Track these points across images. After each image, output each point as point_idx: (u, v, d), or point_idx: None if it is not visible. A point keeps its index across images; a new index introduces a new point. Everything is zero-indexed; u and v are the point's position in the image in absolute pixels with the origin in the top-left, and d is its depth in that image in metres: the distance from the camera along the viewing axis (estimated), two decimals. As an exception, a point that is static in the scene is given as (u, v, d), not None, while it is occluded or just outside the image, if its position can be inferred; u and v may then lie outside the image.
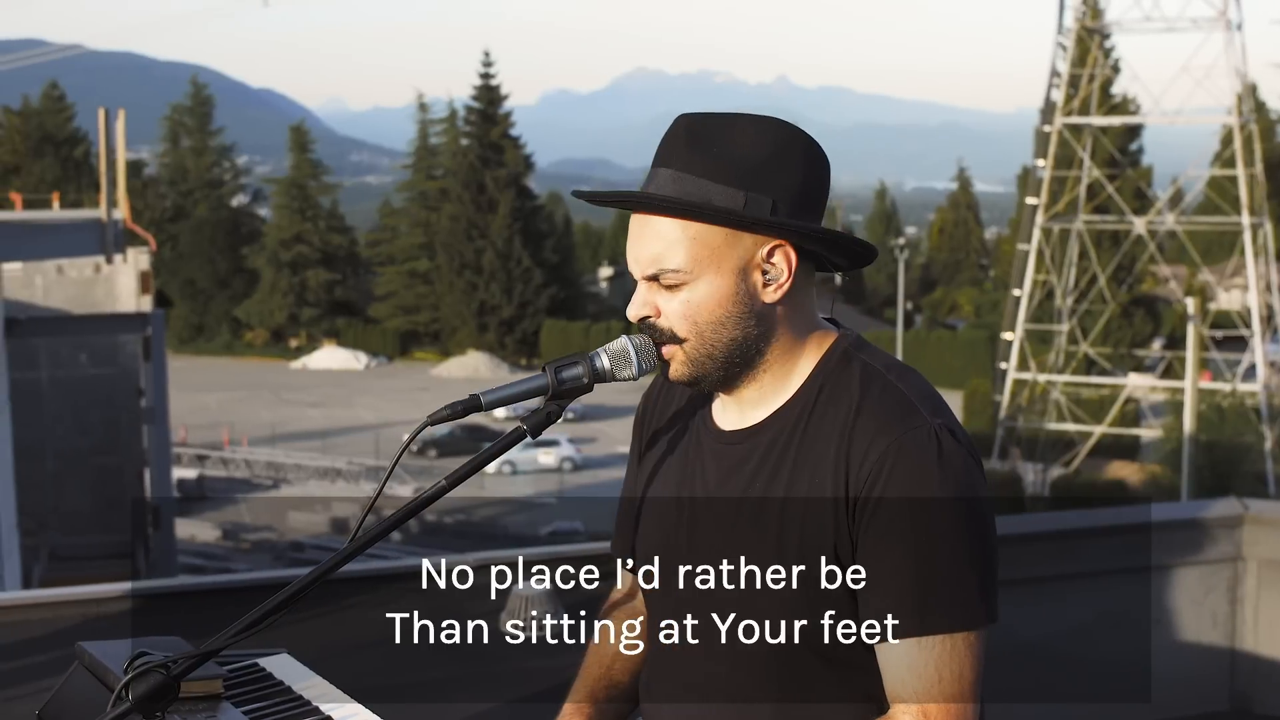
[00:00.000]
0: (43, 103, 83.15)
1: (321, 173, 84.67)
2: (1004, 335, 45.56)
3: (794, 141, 2.06)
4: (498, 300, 74.16)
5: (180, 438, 47.45)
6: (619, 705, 2.32)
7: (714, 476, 2.13)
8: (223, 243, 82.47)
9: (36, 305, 24.04)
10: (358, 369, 74.85)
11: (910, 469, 1.97)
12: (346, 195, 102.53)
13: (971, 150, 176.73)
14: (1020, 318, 44.30)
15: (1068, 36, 45.10)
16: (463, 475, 2.03)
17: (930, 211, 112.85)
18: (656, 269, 2.05)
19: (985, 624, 1.98)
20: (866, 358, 2.12)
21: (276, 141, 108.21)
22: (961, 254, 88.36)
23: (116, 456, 23.41)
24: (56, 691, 2.19)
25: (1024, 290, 44.38)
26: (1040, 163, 44.59)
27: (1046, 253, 44.91)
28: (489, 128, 78.01)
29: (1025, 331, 44.64)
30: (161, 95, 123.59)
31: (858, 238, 2.13)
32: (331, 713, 2.15)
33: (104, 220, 19.61)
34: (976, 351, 61.60)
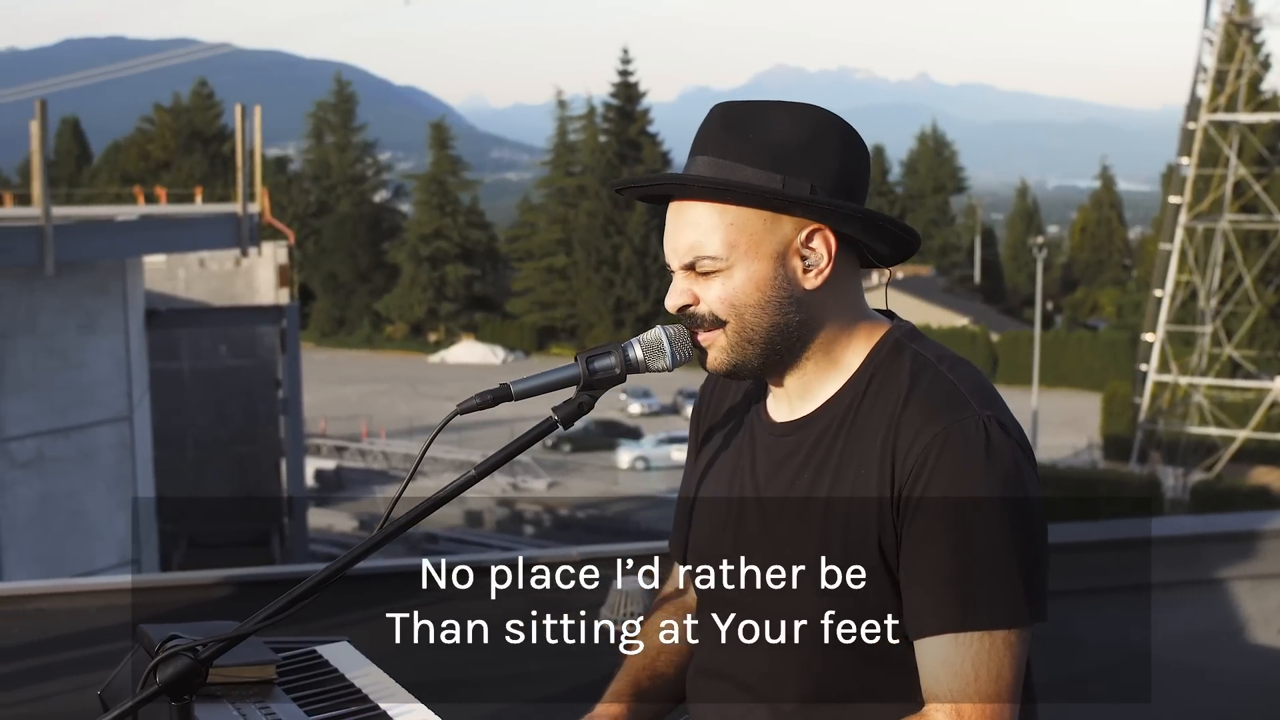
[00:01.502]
0: (192, 100, 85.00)
1: (462, 169, 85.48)
2: (1145, 337, 44.71)
3: (831, 127, 2.02)
4: (634, 296, 74.37)
5: (320, 429, 48.22)
6: (663, 700, 2.29)
7: (764, 469, 2.10)
8: (364, 238, 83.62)
9: (178, 297, 24.53)
10: (495, 363, 75.48)
11: (956, 461, 1.92)
12: (486, 191, 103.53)
13: (1116, 148, 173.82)
14: (1162, 319, 43.43)
15: (1215, 31, 44.09)
16: (492, 465, 2.00)
17: (1072, 210, 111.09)
18: (694, 256, 2.02)
19: (1028, 623, 1.92)
20: (918, 348, 2.06)
21: (418, 138, 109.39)
22: (1104, 253, 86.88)
23: (254, 446, 23.79)
24: (116, 674, 2.22)
25: (1166, 291, 43.50)
26: (1185, 160, 43.67)
27: (1190, 253, 43.97)
28: (627, 125, 78.30)
29: (1167, 333, 43.75)
30: (307, 93, 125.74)
31: (900, 222, 2.07)
32: (381, 703, 2.15)
33: (240, 215, 19.89)
34: (1117, 353, 60.54)
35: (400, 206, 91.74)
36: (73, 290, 16.92)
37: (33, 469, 16.36)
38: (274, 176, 77.98)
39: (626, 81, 79.63)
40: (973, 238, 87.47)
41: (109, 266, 17.94)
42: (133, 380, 18.08)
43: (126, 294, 18.20)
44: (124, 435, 17.80)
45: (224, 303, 24.68)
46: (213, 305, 24.45)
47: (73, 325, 16.96)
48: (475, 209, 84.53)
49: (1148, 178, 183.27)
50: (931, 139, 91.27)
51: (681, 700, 2.29)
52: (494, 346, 77.54)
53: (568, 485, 44.63)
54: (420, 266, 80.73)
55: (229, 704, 2.10)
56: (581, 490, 42.57)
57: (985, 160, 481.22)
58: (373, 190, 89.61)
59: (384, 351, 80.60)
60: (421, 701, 2.17)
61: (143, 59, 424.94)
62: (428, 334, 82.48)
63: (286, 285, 24.86)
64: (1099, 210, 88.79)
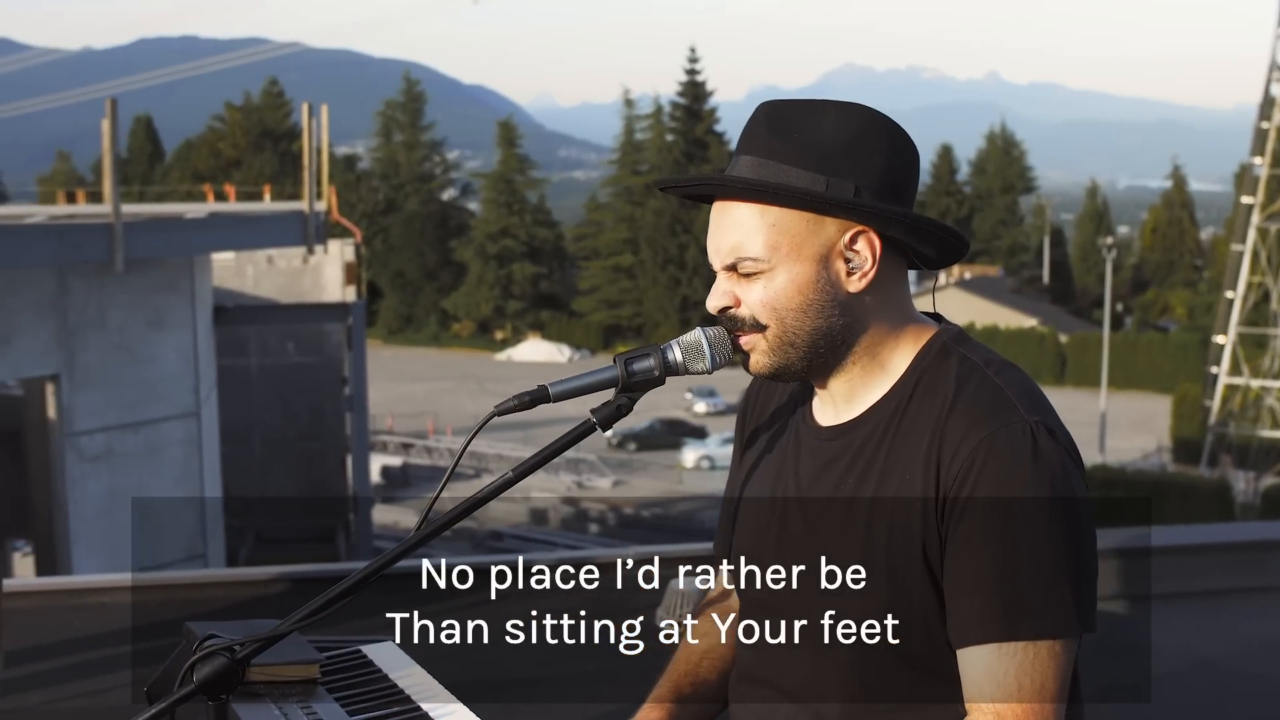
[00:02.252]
0: (263, 99, 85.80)
1: (529, 168, 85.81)
2: (1216, 339, 44.29)
3: (878, 127, 1.99)
4: (700, 295, 74.33)
5: (387, 426, 48.48)
6: (704, 704, 2.27)
7: (808, 472, 2.08)
8: (432, 236, 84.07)
9: (247, 294, 24.72)
10: (561, 362, 75.67)
11: (1002, 466, 1.87)
12: (553, 190, 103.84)
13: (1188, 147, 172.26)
14: (1233, 320, 43.00)
15: (1290, 29, 43.59)
16: (530, 467, 1.97)
17: (1143, 210, 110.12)
18: (735, 257, 2.00)
19: (1075, 633, 1.88)
20: (965, 351, 2.02)
21: (486, 137, 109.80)
22: (1175, 254, 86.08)
23: (320, 443, 23.92)
24: (163, 670, 2.22)
25: (1238, 292, 43.07)
26: (1258, 160, 43.21)
27: (1263, 254, 43.50)
28: (694, 123, 78.36)
29: (1239, 335, 43.31)
30: (376, 91, 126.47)
31: (946, 225, 2.03)
32: (423, 704, 2.14)
33: (306, 213, 20.02)
34: (1188, 355, 59.94)
35: (468, 205, 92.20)
36: (142, 287, 17.09)
37: (102, 463, 16.55)
38: (343, 175, 78.57)
39: (694, 80, 79.68)
40: (1041, 238, 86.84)
41: (178, 263, 18.12)
42: (200, 376, 18.25)
43: (195, 291, 18.37)
44: (191, 431, 17.97)
45: (291, 300, 24.85)
46: (280, 302, 24.63)
47: (142, 321, 17.14)
48: (542, 207, 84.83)
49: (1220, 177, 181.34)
50: (1000, 138, 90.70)
51: (725, 704, 2.27)
52: (560, 345, 77.75)
53: (633, 484, 44.67)
54: (487, 264, 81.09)
55: (271, 703, 2.09)
56: (646, 489, 42.61)
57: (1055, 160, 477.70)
58: (441, 188, 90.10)
59: (450, 349, 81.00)
60: (465, 703, 2.16)
61: (215, 58, 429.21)
62: (494, 332, 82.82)
63: (353, 283, 25.00)
64: (1170, 210, 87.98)
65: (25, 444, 17.72)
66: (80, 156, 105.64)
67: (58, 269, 16.00)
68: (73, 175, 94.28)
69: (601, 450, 47.28)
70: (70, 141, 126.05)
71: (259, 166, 78.29)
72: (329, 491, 23.91)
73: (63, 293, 16.11)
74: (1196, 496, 34.55)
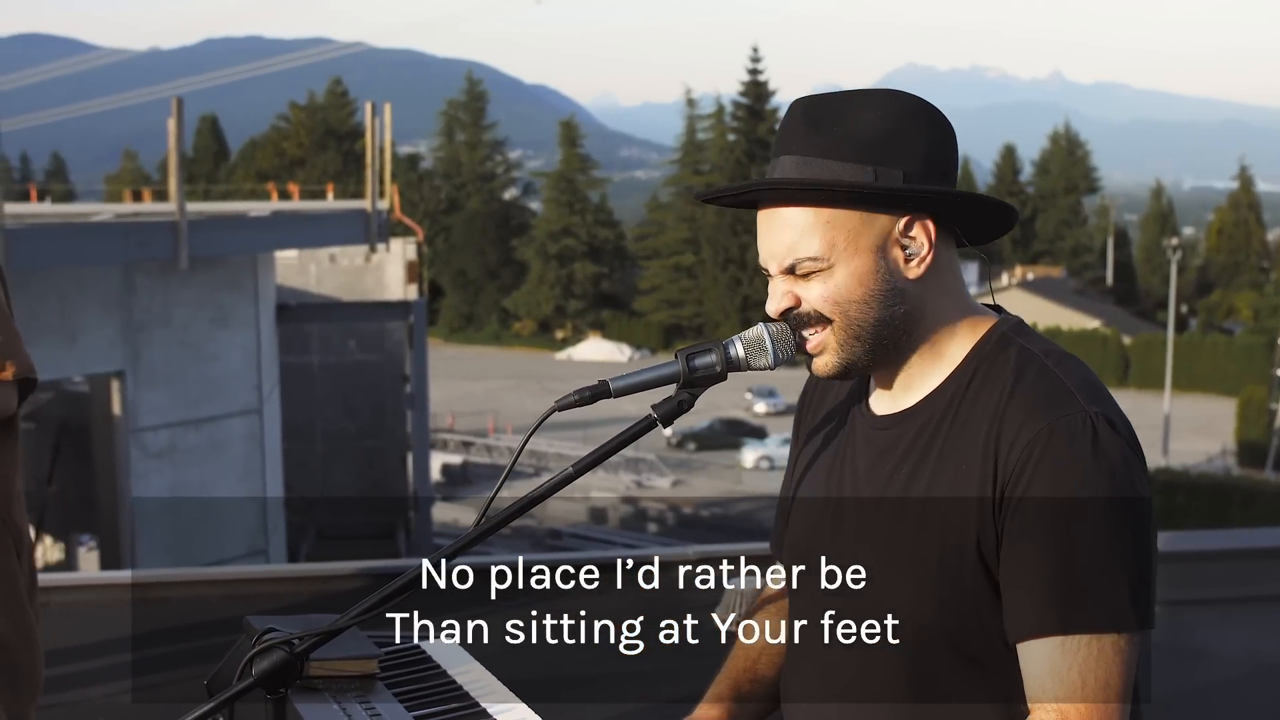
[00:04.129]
0: (327, 98, 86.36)
1: (590, 167, 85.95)
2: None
3: (916, 110, 1.98)
4: (761, 295, 73.18)
5: (448, 424, 48.67)
6: (762, 702, 2.26)
7: (863, 463, 2.06)
8: (493, 235, 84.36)
9: (309, 292, 24.88)
10: (621, 361, 75.71)
11: (1061, 458, 1.85)
12: (615, 190, 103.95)
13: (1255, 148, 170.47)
14: (1302, 322, 42.54)
15: (1361, 29, 43.06)
16: (589, 464, 1.95)
17: (1209, 211, 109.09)
18: (793, 259, 1.97)
19: (1135, 628, 1.84)
20: (1025, 342, 2.00)
21: (547, 136, 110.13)
22: (1241, 256, 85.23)
23: (381, 440, 24.04)
24: (223, 664, 2.22)
25: (1307, 294, 42.61)
26: (1327, 161, 42.69)
27: (1332, 255, 43.01)
28: (756, 123, 78.25)
29: (1307, 337, 42.85)
30: (438, 91, 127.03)
31: (995, 198, 2.01)
32: (481, 701, 2.14)
33: (369, 211, 20.12)
34: (1254, 357, 59.34)
35: (529, 204, 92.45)
36: (206, 284, 17.24)
37: (165, 459, 16.71)
38: (405, 174, 78.93)
39: (756, 80, 79.57)
40: (1105, 239, 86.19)
41: (241, 261, 18.27)
42: (263, 374, 18.39)
43: (258, 289, 18.51)
44: (254, 428, 18.11)
45: (354, 298, 24.98)
46: (343, 300, 24.76)
47: (205, 319, 17.29)
48: (604, 207, 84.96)
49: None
50: (1064, 138, 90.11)
51: (779, 702, 2.25)
52: (620, 344, 77.81)
53: (692, 484, 44.65)
54: (548, 264, 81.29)
55: (330, 698, 2.10)
56: (706, 489, 42.56)
57: (1119, 160, 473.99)
58: (502, 188, 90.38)
59: (511, 348, 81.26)
60: (524, 700, 2.15)
61: (279, 58, 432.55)
62: (555, 331, 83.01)
63: (414, 281, 25.11)
64: (1236, 211, 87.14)
65: (91, 440, 17.91)
66: (147, 156, 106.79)
67: (123, 266, 16.16)
68: (139, 174, 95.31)
69: (661, 450, 47.30)
70: (137, 140, 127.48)
71: (322, 165, 78.79)
72: (389, 489, 24.03)
73: (128, 290, 16.27)
74: (1262, 500, 34.19)
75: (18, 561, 3.35)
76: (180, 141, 17.35)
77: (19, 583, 3.34)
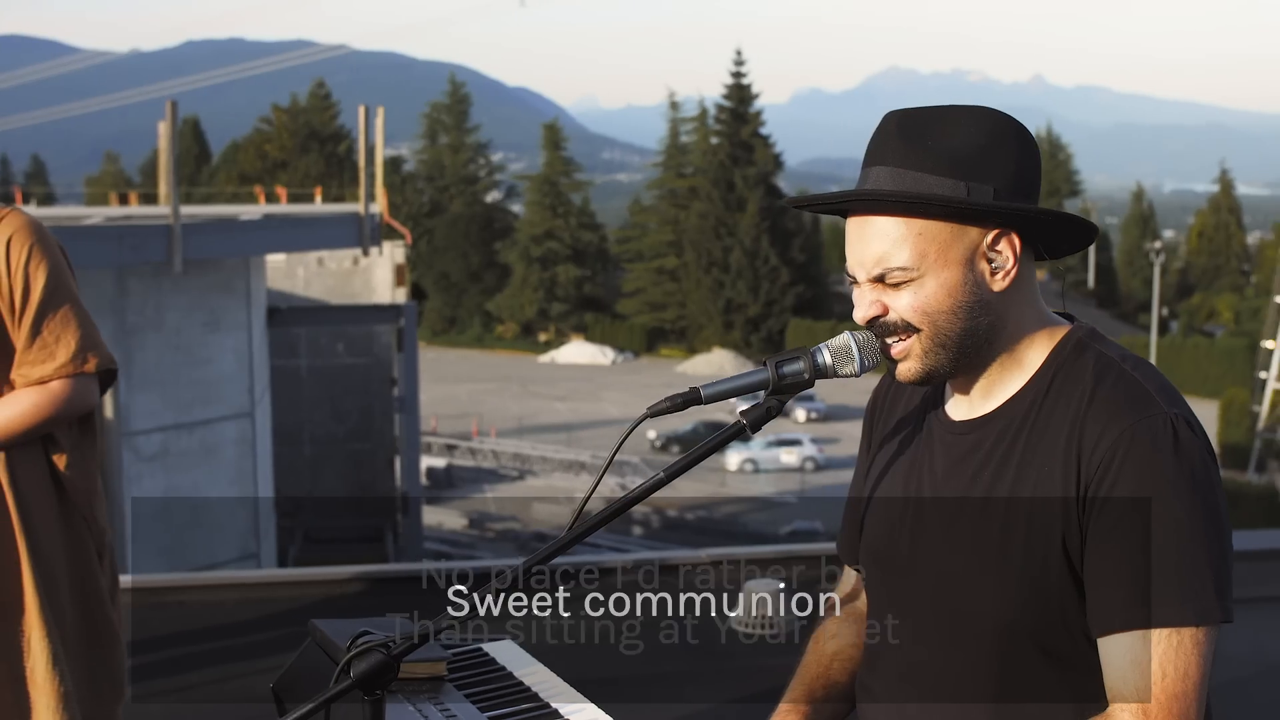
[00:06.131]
0: (310, 101, 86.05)
1: (573, 170, 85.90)
2: (1265, 344, 44.06)
3: (1007, 128, 2.03)
4: (744, 298, 74.26)
5: (431, 427, 48.55)
6: (836, 705, 2.29)
7: (942, 466, 2.11)
8: (476, 238, 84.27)
9: (298, 295, 24.83)
10: (604, 364, 75.67)
11: (1144, 458, 1.90)
12: (597, 192, 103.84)
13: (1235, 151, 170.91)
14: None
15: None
16: (680, 469, 1.99)
17: (1190, 214, 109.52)
18: (883, 268, 2.01)
19: (1218, 621, 1.89)
20: (1101, 348, 2.07)
21: (530, 139, 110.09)
22: (1222, 258, 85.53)
23: (369, 444, 23.97)
24: (289, 666, 2.24)
25: (1288, 297, 42.80)
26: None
27: (1313, 258, 43.20)
28: (739, 126, 78.19)
29: (1289, 340, 43.02)
30: (421, 94, 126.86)
31: (1080, 216, 2.06)
32: (552, 701, 2.17)
33: (362, 214, 20.11)
34: (1235, 360, 59.55)
35: (512, 207, 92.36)
36: (199, 288, 17.23)
37: (158, 463, 16.69)
38: (389, 177, 78.70)
39: (739, 83, 79.53)
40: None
41: (234, 265, 18.24)
42: (255, 377, 18.37)
43: (250, 292, 18.49)
44: (246, 431, 18.09)
45: (341, 301, 24.94)
46: (330, 304, 24.72)
47: (198, 322, 17.27)
48: (586, 210, 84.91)
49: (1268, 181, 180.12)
50: (1046, 142, 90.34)
51: (853, 704, 2.29)
52: (604, 347, 77.76)
53: (676, 486, 44.26)
54: (531, 267, 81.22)
55: (404, 700, 2.13)
56: (690, 492, 42.45)
57: (1100, 163, 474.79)
58: (485, 190, 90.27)
59: (494, 351, 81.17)
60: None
61: (261, 61, 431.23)
62: (538, 334, 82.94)
63: (403, 284, 25.09)
64: (1217, 214, 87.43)
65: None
66: (129, 158, 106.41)
67: (117, 270, 16.14)
68: (121, 176, 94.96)
69: (645, 453, 47.29)
70: (118, 143, 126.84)
71: (305, 168, 78.55)
72: (377, 492, 23.96)
73: (121, 293, 16.25)
74: (1244, 502, 34.35)
75: (100, 563, 3.36)
76: (173, 145, 17.34)
77: (100, 584, 3.34)
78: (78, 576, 3.30)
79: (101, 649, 3.36)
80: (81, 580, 3.31)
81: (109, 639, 3.37)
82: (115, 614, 3.38)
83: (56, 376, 3.23)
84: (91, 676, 3.33)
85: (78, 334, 3.25)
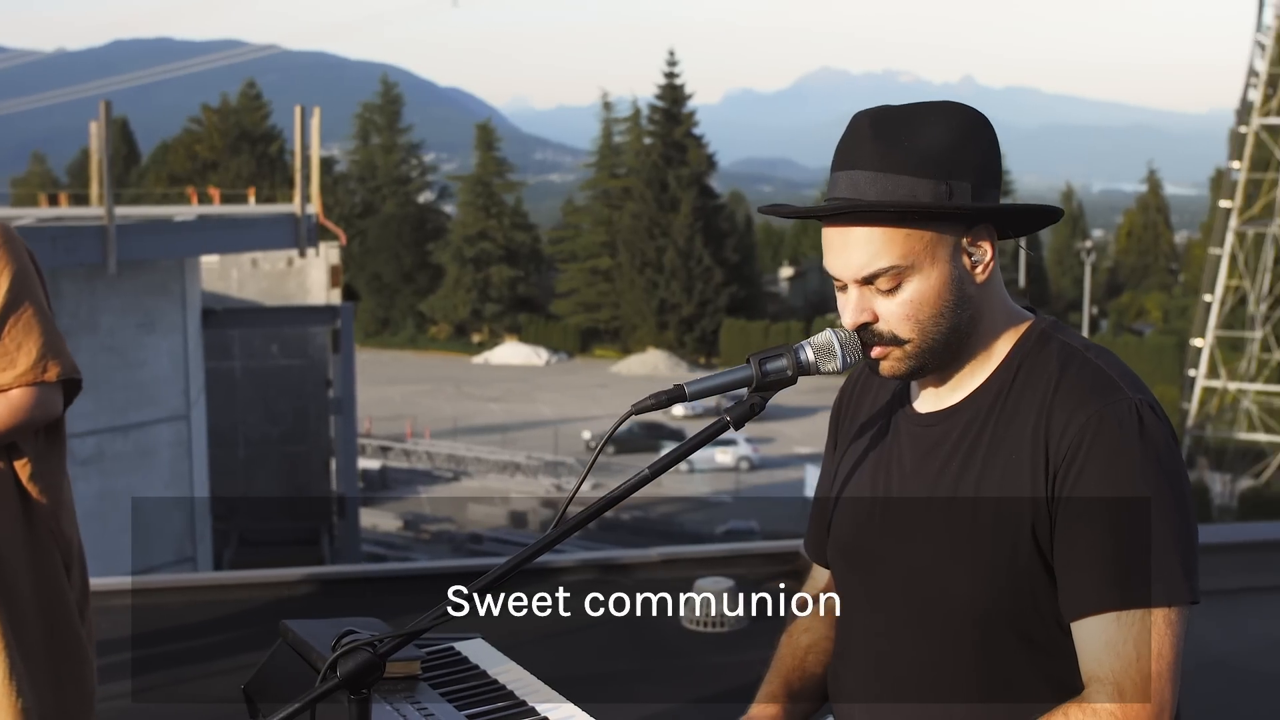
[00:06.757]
0: (240, 101, 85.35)
1: (506, 170, 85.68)
2: (1193, 342, 44.51)
3: (974, 121, 2.06)
4: (678, 299, 74.32)
5: (365, 429, 48.33)
6: (813, 701, 2.32)
7: (910, 459, 2.13)
8: (409, 238, 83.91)
9: (232, 297, 24.65)
10: (538, 365, 75.56)
11: (1111, 442, 1.94)
12: (530, 193, 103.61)
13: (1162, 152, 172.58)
14: (1211, 324, 43.21)
15: (1267, 35, 43.84)
16: (666, 464, 2.00)
17: (1118, 214, 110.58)
18: (871, 271, 2.03)
19: (1188, 601, 1.92)
20: (1065, 338, 2.10)
21: (463, 139, 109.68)
22: (1150, 258, 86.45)
23: (304, 446, 23.81)
24: (262, 667, 2.23)
25: (1215, 295, 43.28)
26: (1235, 165, 43.42)
27: (1240, 257, 43.73)
28: (672, 127, 78.23)
29: (1216, 338, 43.51)
30: (353, 94, 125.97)
31: (1049, 205, 2.12)
32: (528, 699, 2.18)
33: (298, 215, 20.01)
34: (1164, 358, 60.19)
35: (445, 208, 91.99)
36: (133, 290, 17.07)
37: (93, 466, 16.50)
38: (321, 177, 78.14)
39: (672, 83, 79.53)
40: (1017, 242, 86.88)
41: (169, 266, 18.09)
42: (190, 379, 18.23)
43: (185, 294, 18.35)
44: (181, 434, 17.96)
45: (276, 303, 24.77)
46: (265, 305, 24.56)
47: (132, 324, 17.11)
48: (519, 210, 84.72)
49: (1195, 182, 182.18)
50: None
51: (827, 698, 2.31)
52: (537, 348, 77.63)
53: (611, 486, 44.20)
54: (464, 267, 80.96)
55: (380, 699, 2.12)
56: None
57: (1030, 164, 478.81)
58: (418, 191, 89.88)
59: (428, 352, 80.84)
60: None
61: (190, 60, 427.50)
62: (471, 335, 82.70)
63: (338, 286, 24.97)
64: (1145, 214, 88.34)
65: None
66: (56, 158, 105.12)
67: (49, 272, 15.93)
68: (48, 177, 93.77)
69: (579, 453, 47.26)
70: (45, 143, 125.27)
71: (236, 169, 77.90)
72: (313, 494, 23.81)
73: (54, 295, 16.00)
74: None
75: (66, 576, 3.28)
76: (105, 145, 17.18)
77: (67, 598, 3.26)
78: (43, 590, 3.22)
79: (69, 663, 3.27)
80: (47, 594, 3.23)
81: (77, 653, 3.29)
82: (86, 627, 3.30)
83: (17, 385, 3.16)
84: (58, 691, 3.25)
85: (40, 341, 3.17)
